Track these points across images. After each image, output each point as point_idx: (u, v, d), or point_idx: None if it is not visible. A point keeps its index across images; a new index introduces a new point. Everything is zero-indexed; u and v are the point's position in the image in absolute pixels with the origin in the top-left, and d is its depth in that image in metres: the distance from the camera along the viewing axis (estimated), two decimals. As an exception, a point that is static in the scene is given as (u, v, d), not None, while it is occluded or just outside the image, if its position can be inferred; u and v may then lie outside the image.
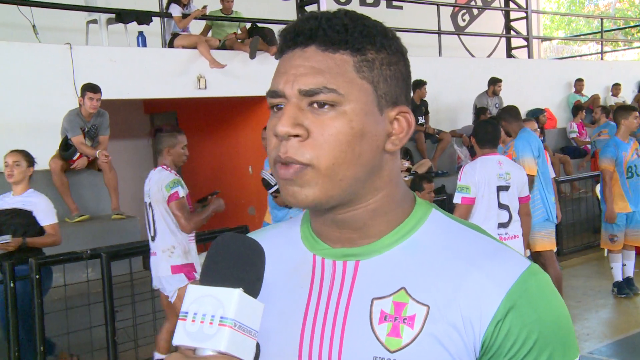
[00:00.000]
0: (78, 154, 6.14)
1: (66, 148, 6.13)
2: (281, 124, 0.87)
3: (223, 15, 8.17)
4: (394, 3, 12.45)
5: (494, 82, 9.87)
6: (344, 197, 0.91)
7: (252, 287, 0.85)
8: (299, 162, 0.88)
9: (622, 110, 6.21)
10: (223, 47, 7.91)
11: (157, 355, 4.66)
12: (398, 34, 1.00)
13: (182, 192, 4.52)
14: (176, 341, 0.82)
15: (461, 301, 0.88)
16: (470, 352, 0.87)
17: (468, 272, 0.89)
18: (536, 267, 0.91)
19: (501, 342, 0.86)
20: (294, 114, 0.88)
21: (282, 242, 1.02)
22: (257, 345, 0.84)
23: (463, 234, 0.95)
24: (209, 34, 8.21)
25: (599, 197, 6.56)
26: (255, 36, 7.83)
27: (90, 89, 6.09)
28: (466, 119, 10.01)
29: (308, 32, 0.90)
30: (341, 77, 0.88)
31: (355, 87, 0.89)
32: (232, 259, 0.87)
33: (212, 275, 0.85)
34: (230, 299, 0.81)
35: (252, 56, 7.74)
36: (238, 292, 0.81)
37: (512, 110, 5.82)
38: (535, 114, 10.04)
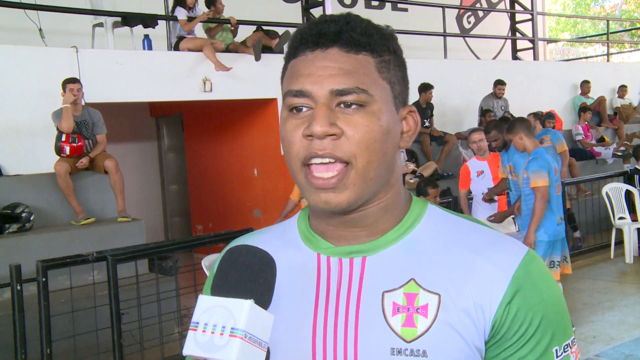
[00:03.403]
0: (69, 147, 6.13)
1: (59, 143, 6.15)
2: (319, 123, 0.88)
3: (225, 18, 8.17)
4: (399, 5, 12.44)
5: (496, 84, 9.86)
6: (369, 196, 0.94)
7: (263, 298, 0.86)
8: (339, 158, 0.89)
9: None
10: (227, 50, 7.92)
11: None
12: (404, 36, 1.02)
13: None
14: (186, 351, 0.82)
15: (471, 288, 0.91)
16: (481, 336, 0.91)
17: (473, 260, 0.93)
18: (533, 252, 0.96)
19: (510, 324, 0.91)
20: (327, 114, 0.89)
21: (280, 244, 1.02)
22: (268, 351, 0.85)
23: (461, 225, 0.99)
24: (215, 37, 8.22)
25: None
26: (259, 39, 7.85)
27: (70, 80, 6.15)
28: (472, 121, 9.99)
29: (332, 34, 0.92)
30: (368, 78, 0.91)
31: (378, 87, 0.92)
32: (243, 270, 0.87)
33: (223, 286, 0.86)
34: (241, 310, 0.81)
35: (257, 58, 7.76)
36: (249, 303, 0.82)
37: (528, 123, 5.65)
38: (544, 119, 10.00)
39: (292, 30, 8.27)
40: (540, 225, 5.14)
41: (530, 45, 12.59)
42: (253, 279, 0.87)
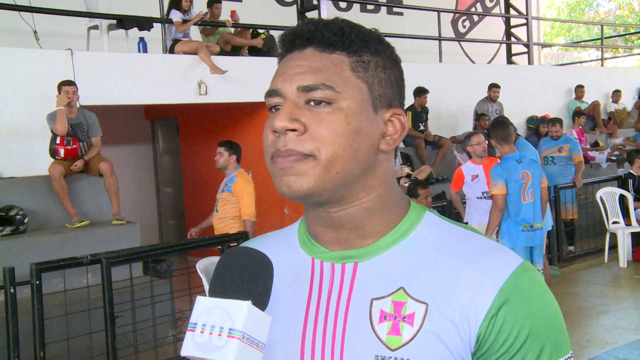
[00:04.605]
0: (63, 150, 6.12)
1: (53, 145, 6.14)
2: (279, 119, 0.90)
3: (221, 21, 8.18)
4: (395, 9, 12.48)
5: (490, 87, 9.89)
6: (336, 191, 0.93)
7: (260, 300, 0.86)
8: (300, 152, 0.90)
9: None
10: (224, 51, 7.94)
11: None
12: (399, 40, 1.02)
13: None
14: (184, 352, 0.82)
15: (459, 298, 0.90)
16: (466, 347, 0.90)
17: (463, 269, 0.92)
18: (528, 264, 0.94)
19: (495, 337, 0.89)
20: (291, 110, 0.91)
21: (280, 248, 1.03)
22: None
23: (457, 234, 0.98)
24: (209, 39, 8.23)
25: None
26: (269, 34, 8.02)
27: (66, 83, 6.14)
28: (467, 125, 10.02)
29: (306, 34, 0.94)
30: (337, 76, 0.92)
31: (350, 86, 0.92)
32: (241, 272, 0.88)
33: (221, 288, 0.86)
34: (239, 311, 0.82)
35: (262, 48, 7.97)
36: (247, 304, 0.82)
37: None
38: (537, 123, 10.04)
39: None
40: (504, 232, 5.31)
41: (525, 49, 12.64)
42: (251, 280, 0.87)
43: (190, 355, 0.82)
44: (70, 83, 6.17)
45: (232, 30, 8.39)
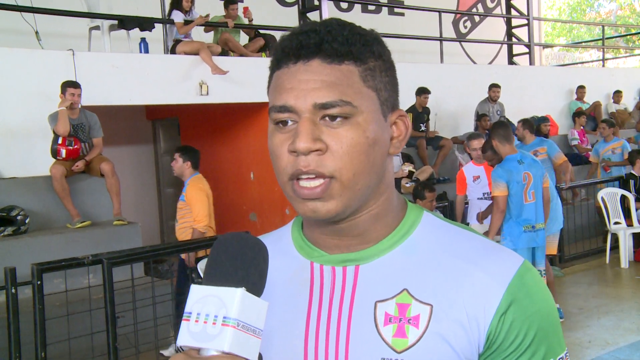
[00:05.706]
0: (65, 150, 6.12)
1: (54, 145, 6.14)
2: (302, 140, 0.87)
3: (225, 22, 8.20)
4: (396, 10, 12.48)
5: (491, 87, 9.88)
6: (358, 205, 0.93)
7: (256, 286, 0.85)
8: (322, 174, 0.88)
9: None
10: (224, 51, 7.94)
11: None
12: (400, 40, 1.01)
13: None
14: (180, 342, 0.82)
15: (464, 299, 0.90)
16: (474, 348, 0.90)
17: (468, 270, 0.92)
18: (528, 263, 0.95)
19: (505, 335, 0.90)
20: (312, 130, 0.88)
21: (274, 251, 1.01)
22: (259, 356, 0.84)
23: (456, 234, 0.98)
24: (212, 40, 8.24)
25: None
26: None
27: (71, 84, 6.13)
28: (468, 126, 10.02)
29: (313, 46, 0.90)
30: (351, 89, 0.89)
31: (364, 97, 0.90)
32: (234, 258, 0.86)
33: (215, 275, 0.85)
34: (232, 298, 0.81)
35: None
36: (240, 291, 0.81)
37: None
38: (538, 123, 10.02)
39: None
40: (505, 233, 5.33)
41: (526, 50, 12.64)
42: (244, 266, 0.86)
43: (185, 345, 0.81)
44: (76, 85, 6.15)
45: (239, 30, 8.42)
